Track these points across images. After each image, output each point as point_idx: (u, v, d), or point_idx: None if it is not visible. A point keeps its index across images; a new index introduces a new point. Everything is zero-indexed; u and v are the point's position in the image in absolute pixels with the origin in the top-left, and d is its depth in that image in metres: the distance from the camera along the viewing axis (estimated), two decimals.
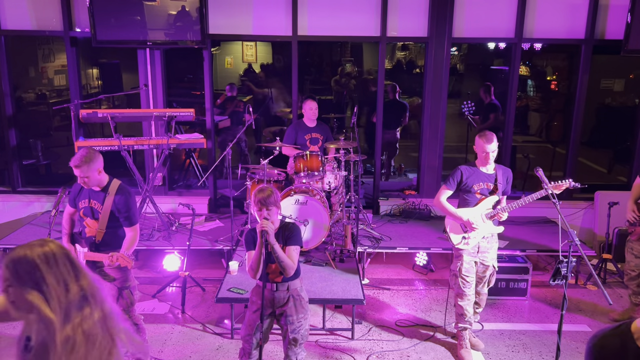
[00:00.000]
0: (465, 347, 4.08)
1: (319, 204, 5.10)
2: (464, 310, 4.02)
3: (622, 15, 5.85)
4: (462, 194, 4.01)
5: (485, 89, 7.00)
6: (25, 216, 6.30)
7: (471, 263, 3.99)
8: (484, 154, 3.86)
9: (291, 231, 3.18)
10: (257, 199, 3.06)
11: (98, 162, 3.40)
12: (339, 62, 9.59)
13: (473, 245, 3.97)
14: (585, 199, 6.40)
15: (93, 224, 3.48)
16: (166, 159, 5.69)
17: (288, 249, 3.14)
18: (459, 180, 3.94)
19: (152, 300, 4.93)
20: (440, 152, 6.39)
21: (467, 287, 3.97)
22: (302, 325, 3.23)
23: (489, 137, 3.84)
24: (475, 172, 3.94)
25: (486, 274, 4.10)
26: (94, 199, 3.48)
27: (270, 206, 3.06)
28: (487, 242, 4.02)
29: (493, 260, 4.08)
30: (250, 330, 3.21)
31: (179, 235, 5.49)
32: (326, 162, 5.54)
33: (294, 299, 3.21)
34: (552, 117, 8.99)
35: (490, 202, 3.95)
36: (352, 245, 5.27)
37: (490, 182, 3.94)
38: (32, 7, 6.01)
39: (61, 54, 6.63)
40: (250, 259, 3.12)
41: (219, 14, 6.00)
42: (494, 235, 4.05)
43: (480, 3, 6.04)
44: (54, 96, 7.27)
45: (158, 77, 6.15)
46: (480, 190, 3.94)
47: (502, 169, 3.99)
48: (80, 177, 3.37)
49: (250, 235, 3.18)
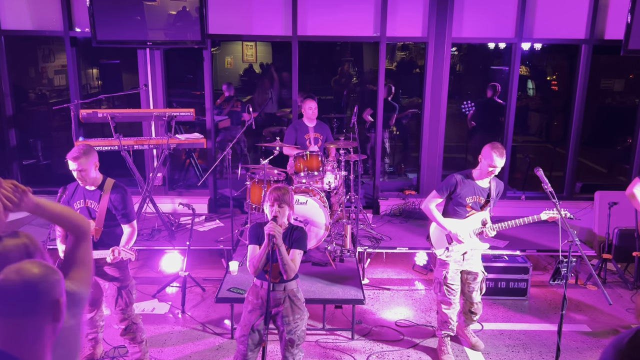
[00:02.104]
0: (447, 353, 4.03)
1: (319, 204, 5.10)
2: (448, 317, 3.95)
3: (622, 15, 5.85)
4: (452, 205, 3.88)
5: (492, 87, 7.07)
6: (25, 216, 6.30)
7: (456, 271, 3.92)
8: (492, 169, 3.68)
9: (299, 235, 3.18)
10: (273, 195, 3.09)
11: (95, 156, 3.44)
12: (339, 62, 9.58)
13: (455, 258, 3.89)
14: (585, 199, 6.40)
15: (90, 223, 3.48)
16: (166, 159, 5.69)
17: (293, 252, 3.14)
18: (452, 190, 3.82)
19: (152, 300, 4.93)
20: (440, 152, 6.39)
21: (452, 294, 3.90)
22: (298, 326, 3.21)
23: (502, 151, 3.66)
24: (471, 184, 3.80)
25: (477, 281, 4.00)
26: (90, 199, 3.48)
27: (284, 204, 3.08)
28: (471, 250, 3.92)
29: (479, 266, 4.00)
30: (245, 330, 3.18)
31: (179, 235, 5.49)
32: (326, 162, 5.54)
33: (290, 300, 3.20)
34: (552, 117, 8.99)
35: (479, 217, 3.84)
36: (352, 245, 5.27)
37: (482, 197, 3.83)
38: (32, 7, 6.01)
39: (61, 54, 6.63)
40: (253, 255, 3.14)
41: (219, 14, 6.00)
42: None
43: (480, 3, 6.05)
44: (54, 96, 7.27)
45: (158, 77, 6.15)
46: (472, 204, 3.82)
47: (496, 182, 3.87)
48: (78, 170, 3.36)
49: (255, 230, 3.19)
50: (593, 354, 4.18)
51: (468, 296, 4.05)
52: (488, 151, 3.66)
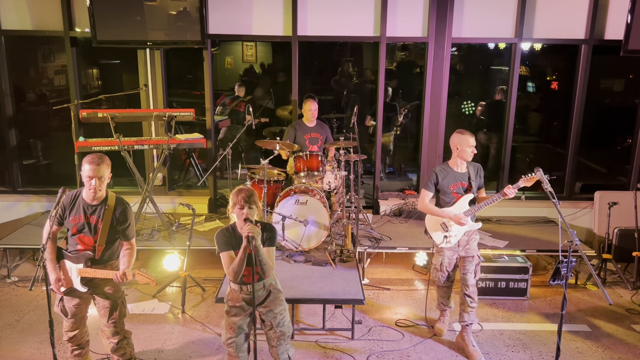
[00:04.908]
0: (442, 322, 4.44)
1: (319, 204, 5.11)
2: (442, 297, 4.40)
3: (622, 15, 5.85)
4: (439, 195, 4.16)
5: (499, 90, 7.24)
6: (25, 216, 6.31)
7: (452, 258, 4.20)
8: (470, 149, 3.99)
9: (270, 232, 3.18)
10: (239, 197, 3.03)
11: (110, 167, 3.30)
12: (339, 62, 9.57)
13: (454, 244, 4.15)
14: (585, 199, 6.40)
15: (89, 240, 3.30)
16: (166, 159, 5.69)
17: (268, 250, 3.15)
18: (435, 182, 4.11)
19: (152, 300, 4.93)
20: (440, 152, 6.39)
21: (443, 278, 4.25)
22: (284, 317, 3.27)
23: (469, 132, 4.02)
24: (450, 172, 4.10)
25: (472, 262, 4.15)
26: (92, 214, 3.28)
27: (253, 205, 3.05)
28: (467, 236, 4.17)
29: (475, 250, 4.19)
30: (232, 333, 3.20)
31: (179, 235, 5.49)
32: (326, 162, 5.54)
33: (272, 293, 3.25)
34: (552, 117, 8.98)
35: (465, 200, 4.09)
36: (352, 245, 5.27)
37: (464, 181, 4.10)
38: (32, 7, 6.01)
39: (61, 54, 6.62)
40: (230, 262, 3.08)
41: (219, 14, 6.01)
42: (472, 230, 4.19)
43: (480, 3, 6.05)
44: (54, 96, 7.25)
45: (158, 77, 6.15)
46: (456, 190, 4.09)
47: (472, 165, 4.14)
48: (97, 177, 3.17)
49: (225, 237, 3.12)
50: (593, 354, 4.18)
51: (463, 278, 4.16)
52: (460, 137, 4.01)
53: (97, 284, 3.37)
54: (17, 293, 5.07)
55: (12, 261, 5.50)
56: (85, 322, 3.55)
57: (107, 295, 3.39)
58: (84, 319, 3.52)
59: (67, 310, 3.40)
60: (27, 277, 5.40)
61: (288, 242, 5.15)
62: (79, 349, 3.55)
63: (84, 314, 3.51)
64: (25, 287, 5.17)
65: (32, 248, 5.43)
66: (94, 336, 3.82)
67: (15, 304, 4.86)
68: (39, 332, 4.34)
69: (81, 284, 3.31)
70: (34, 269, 5.55)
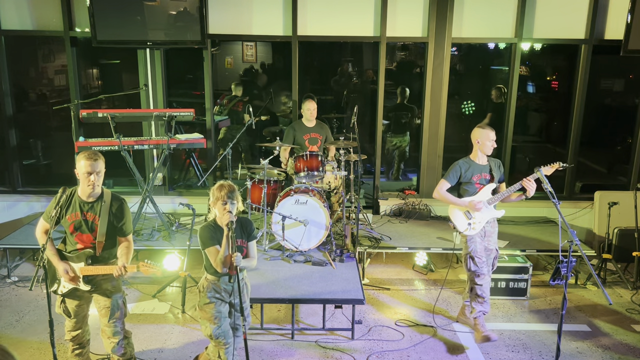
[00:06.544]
0: (485, 331, 4.22)
1: (319, 204, 5.11)
2: (483, 290, 4.22)
3: (622, 15, 5.85)
4: (462, 186, 4.27)
5: (497, 90, 7.18)
6: (25, 216, 6.31)
7: (482, 245, 4.25)
8: (490, 143, 4.15)
9: (250, 226, 3.35)
10: (222, 194, 3.16)
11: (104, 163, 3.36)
12: (339, 62, 9.58)
13: (478, 230, 4.21)
14: (585, 199, 6.40)
15: (87, 237, 3.31)
16: (166, 159, 5.69)
17: (251, 244, 3.31)
18: (459, 174, 4.22)
19: (152, 300, 4.93)
20: (440, 152, 6.39)
21: (482, 265, 4.20)
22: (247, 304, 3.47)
23: (490, 127, 4.20)
24: (472, 164, 4.23)
25: (491, 257, 4.31)
26: (89, 210, 3.29)
27: (234, 200, 3.18)
28: (491, 227, 4.30)
29: (495, 243, 4.35)
30: (218, 322, 3.29)
31: (179, 235, 5.49)
32: (326, 162, 5.54)
33: (245, 287, 3.41)
34: (552, 117, 8.98)
35: (489, 189, 4.23)
36: (352, 245, 5.27)
37: (486, 173, 4.25)
38: (32, 7, 6.01)
39: (61, 54, 6.63)
40: (216, 255, 3.19)
41: (219, 14, 6.00)
42: (495, 220, 4.32)
43: (480, 3, 6.05)
44: (54, 96, 7.26)
45: (158, 77, 6.15)
46: (479, 180, 4.22)
47: (492, 160, 4.30)
48: (95, 172, 3.20)
49: (210, 232, 3.23)
50: (593, 354, 4.18)
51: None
52: (481, 132, 4.17)
53: (98, 283, 3.38)
54: (17, 293, 5.07)
55: (12, 261, 5.50)
56: (87, 320, 3.57)
57: (108, 294, 3.40)
58: (86, 318, 3.55)
59: (69, 311, 3.42)
60: (27, 277, 5.40)
61: (288, 242, 5.15)
62: (80, 348, 3.56)
63: (86, 313, 3.53)
64: (25, 287, 5.17)
65: (32, 248, 5.43)
66: (94, 336, 3.81)
67: (15, 304, 4.86)
68: (39, 332, 4.34)
69: (84, 283, 3.33)
70: (34, 269, 5.54)
